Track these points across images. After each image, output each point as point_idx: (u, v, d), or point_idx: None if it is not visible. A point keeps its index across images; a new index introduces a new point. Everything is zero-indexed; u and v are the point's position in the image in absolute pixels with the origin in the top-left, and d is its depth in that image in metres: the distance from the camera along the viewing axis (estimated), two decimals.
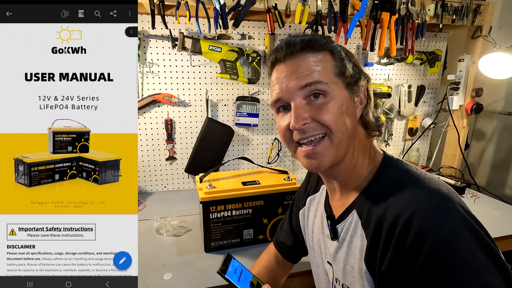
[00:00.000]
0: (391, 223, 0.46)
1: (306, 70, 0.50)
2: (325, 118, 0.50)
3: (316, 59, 0.51)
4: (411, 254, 0.43)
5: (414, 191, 0.48)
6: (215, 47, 1.37)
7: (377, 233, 0.48)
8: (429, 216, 0.43)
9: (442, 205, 0.44)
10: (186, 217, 1.23)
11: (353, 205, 0.55)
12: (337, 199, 0.61)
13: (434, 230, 0.42)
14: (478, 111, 1.55)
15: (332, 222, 0.59)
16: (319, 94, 0.50)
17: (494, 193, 1.53)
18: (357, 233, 0.53)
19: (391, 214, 0.46)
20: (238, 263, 0.62)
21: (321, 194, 0.69)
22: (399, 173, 0.53)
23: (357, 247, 0.53)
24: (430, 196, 0.46)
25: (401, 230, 0.44)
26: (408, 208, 0.45)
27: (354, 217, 0.54)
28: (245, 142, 1.60)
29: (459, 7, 1.38)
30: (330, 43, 0.53)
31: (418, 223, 0.43)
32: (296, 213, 0.78)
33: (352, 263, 0.54)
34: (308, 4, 1.22)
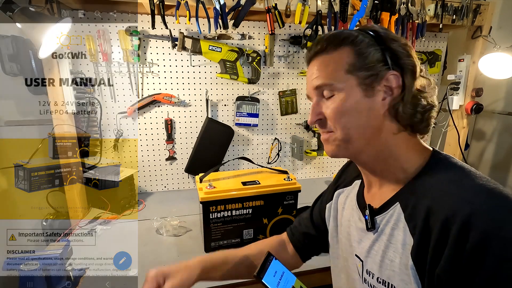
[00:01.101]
0: (444, 220, 0.43)
1: (316, 73, 0.55)
2: (331, 116, 0.54)
3: (329, 61, 0.54)
4: (475, 254, 0.40)
5: (473, 187, 0.45)
6: (215, 47, 1.37)
7: (426, 229, 0.46)
8: (494, 215, 0.41)
9: (505, 204, 0.43)
10: (186, 217, 1.23)
11: (396, 197, 0.54)
12: (374, 191, 0.60)
13: (502, 229, 0.40)
14: (478, 111, 1.55)
15: (371, 213, 0.57)
16: (329, 95, 0.54)
17: None
18: (399, 226, 0.51)
19: (445, 209, 0.44)
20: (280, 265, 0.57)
21: (353, 188, 0.68)
22: (452, 169, 0.51)
23: (399, 241, 0.50)
24: (490, 194, 0.44)
25: (460, 229, 0.41)
26: (467, 205, 0.42)
27: (396, 210, 0.52)
28: (245, 142, 1.60)
29: (459, 7, 1.38)
30: (348, 39, 0.53)
31: (483, 222, 0.40)
32: (321, 206, 0.76)
33: (391, 256, 0.51)
34: (308, 4, 1.22)
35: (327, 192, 0.78)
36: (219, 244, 1.01)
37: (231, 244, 1.02)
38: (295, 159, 1.68)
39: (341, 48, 0.53)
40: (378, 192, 0.59)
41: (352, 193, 0.67)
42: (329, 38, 0.55)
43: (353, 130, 0.53)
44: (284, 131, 1.64)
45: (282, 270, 0.57)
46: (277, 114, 1.60)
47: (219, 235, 1.00)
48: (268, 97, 1.57)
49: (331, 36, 0.55)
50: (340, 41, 0.53)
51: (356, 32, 0.54)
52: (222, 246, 1.01)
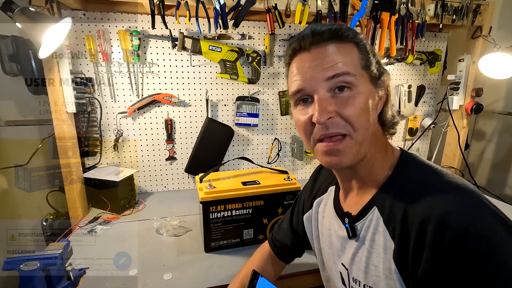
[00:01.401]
0: (421, 221, 0.44)
1: (333, 60, 0.48)
2: (350, 113, 0.48)
3: (344, 50, 0.49)
4: (452, 253, 0.41)
5: (442, 187, 0.46)
6: (215, 47, 1.37)
7: (405, 232, 0.46)
8: (465, 212, 0.42)
9: (474, 201, 0.44)
10: (186, 217, 1.23)
11: (372, 202, 0.53)
12: (351, 198, 0.59)
13: (474, 225, 0.41)
14: (478, 111, 1.55)
15: (350, 221, 0.56)
16: (345, 87, 0.48)
17: (494, 193, 1.54)
18: (379, 231, 0.51)
19: (420, 211, 0.45)
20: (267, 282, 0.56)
21: (329, 195, 0.67)
22: (421, 169, 0.51)
23: (380, 245, 0.50)
24: (459, 192, 0.45)
25: (436, 229, 0.42)
26: (440, 206, 0.43)
27: (375, 214, 0.52)
28: (245, 142, 1.60)
29: (459, 7, 1.38)
30: (356, 35, 0.51)
31: (455, 220, 0.41)
32: (299, 215, 0.77)
33: (375, 262, 0.51)
34: (308, 4, 1.22)
35: (303, 200, 0.78)
36: (219, 244, 1.01)
37: (231, 244, 1.02)
38: (295, 159, 1.68)
39: (352, 43, 0.51)
40: (355, 198, 0.58)
41: (329, 201, 0.66)
42: (337, 29, 0.50)
43: (369, 131, 0.50)
44: (284, 131, 1.64)
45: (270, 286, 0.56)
46: (277, 114, 1.60)
47: (219, 235, 1.00)
48: (268, 97, 1.57)
49: (339, 28, 0.50)
50: (351, 36, 0.51)
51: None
52: (222, 246, 1.01)
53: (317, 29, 0.50)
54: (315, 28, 0.50)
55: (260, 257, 0.82)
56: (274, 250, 0.81)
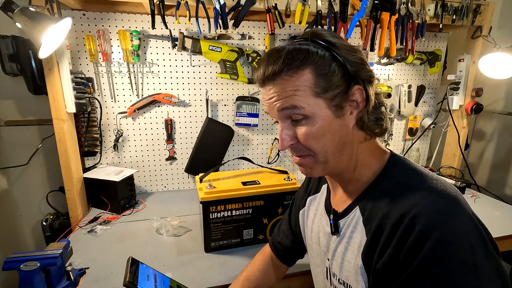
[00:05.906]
0: (395, 222, 0.45)
1: (283, 95, 0.50)
2: (308, 143, 0.51)
3: (294, 82, 0.49)
4: (410, 252, 0.42)
5: (421, 190, 0.47)
6: (215, 47, 1.37)
7: (378, 231, 0.48)
8: (435, 216, 0.43)
9: (448, 207, 0.44)
10: (186, 217, 1.23)
11: (356, 202, 0.56)
12: (339, 196, 0.62)
13: (438, 230, 0.41)
14: (478, 111, 1.55)
15: (335, 217, 0.59)
16: (299, 118, 0.50)
17: (494, 193, 1.53)
18: (357, 229, 0.54)
19: (395, 212, 0.46)
20: (148, 268, 0.53)
21: (322, 194, 0.70)
22: (406, 172, 0.53)
23: (356, 243, 0.53)
24: (437, 196, 0.46)
25: (404, 229, 0.44)
26: (414, 208, 0.44)
27: (356, 213, 0.55)
28: (245, 142, 1.60)
29: (459, 7, 1.38)
30: (309, 57, 0.48)
31: (423, 222, 0.42)
32: (296, 214, 0.78)
33: (349, 258, 0.54)
34: (308, 4, 1.22)
35: (298, 198, 0.80)
36: (219, 244, 1.01)
37: (231, 244, 1.02)
38: None
39: (303, 69, 0.48)
40: (343, 196, 0.60)
41: (322, 199, 0.69)
42: (286, 59, 0.48)
43: (330, 151, 0.52)
44: None
45: (154, 273, 0.53)
46: None
47: (219, 235, 1.00)
48: None
49: (288, 57, 0.48)
50: (300, 62, 0.48)
51: (311, 46, 0.49)
52: (222, 246, 1.01)
53: (269, 61, 0.50)
54: (268, 59, 0.51)
55: (262, 260, 0.83)
56: (276, 253, 0.82)
